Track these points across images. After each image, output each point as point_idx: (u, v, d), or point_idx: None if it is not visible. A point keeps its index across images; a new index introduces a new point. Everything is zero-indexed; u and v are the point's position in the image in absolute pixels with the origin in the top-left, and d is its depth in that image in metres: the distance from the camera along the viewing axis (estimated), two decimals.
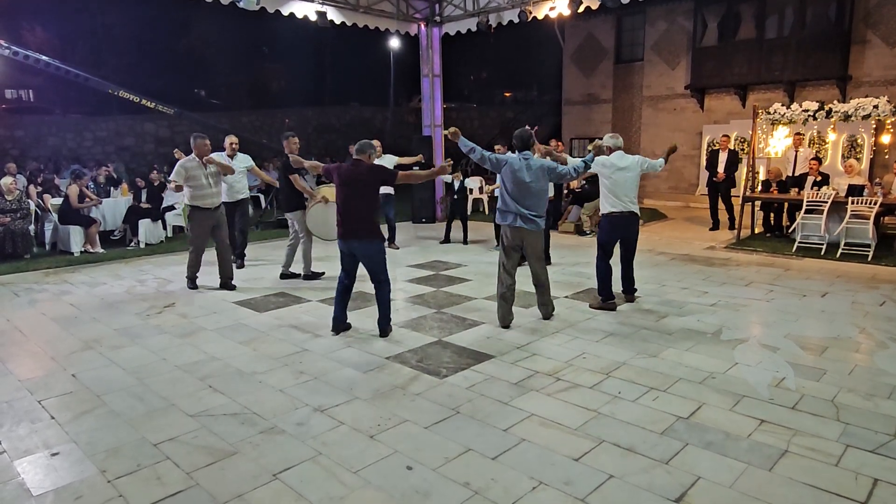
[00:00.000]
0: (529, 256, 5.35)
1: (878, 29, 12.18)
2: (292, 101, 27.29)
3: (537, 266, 5.37)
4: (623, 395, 3.86)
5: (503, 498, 2.79)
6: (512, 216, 5.17)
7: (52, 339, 5.22)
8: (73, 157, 18.17)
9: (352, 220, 4.89)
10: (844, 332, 5.05)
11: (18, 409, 3.82)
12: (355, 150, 5.01)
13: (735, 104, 14.21)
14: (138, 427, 3.55)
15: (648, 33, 15.52)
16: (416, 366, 4.44)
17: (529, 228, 5.16)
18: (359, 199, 4.88)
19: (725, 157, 10.46)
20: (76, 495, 2.87)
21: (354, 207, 4.88)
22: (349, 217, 4.89)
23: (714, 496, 2.77)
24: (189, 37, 26.95)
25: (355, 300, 6.33)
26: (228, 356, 4.71)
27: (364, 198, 4.91)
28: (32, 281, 7.51)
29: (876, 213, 7.99)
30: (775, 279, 6.99)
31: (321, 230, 7.14)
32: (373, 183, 4.94)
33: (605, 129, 17.11)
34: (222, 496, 2.84)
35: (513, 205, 5.15)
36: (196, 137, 6.69)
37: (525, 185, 5.11)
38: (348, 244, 4.97)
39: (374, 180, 4.96)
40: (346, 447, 3.27)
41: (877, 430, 3.37)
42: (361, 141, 5.09)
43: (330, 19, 10.85)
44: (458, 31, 12.30)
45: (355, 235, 4.91)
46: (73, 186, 9.36)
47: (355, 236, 4.91)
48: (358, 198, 4.88)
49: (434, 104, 12.69)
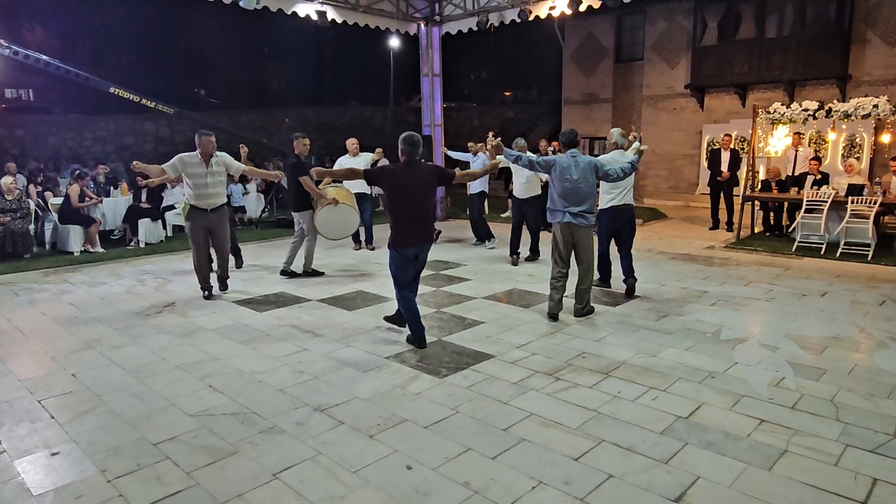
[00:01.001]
0: (578, 252, 5.43)
1: (877, 28, 12.18)
2: (292, 101, 27.30)
3: (584, 263, 5.46)
4: (622, 395, 3.86)
5: (503, 497, 2.79)
6: (561, 214, 5.30)
7: (52, 339, 5.22)
8: (73, 156, 18.17)
9: (425, 223, 4.65)
10: (844, 332, 5.05)
11: (18, 409, 3.83)
12: (408, 149, 4.57)
13: (735, 103, 14.21)
14: (138, 427, 3.55)
15: (648, 32, 15.52)
16: (415, 365, 4.44)
17: (578, 223, 5.27)
18: (427, 201, 4.65)
19: (728, 157, 10.43)
20: (76, 495, 2.87)
21: (423, 210, 4.62)
22: (422, 220, 4.62)
23: (713, 496, 2.77)
24: (189, 36, 26.96)
25: (355, 299, 6.34)
26: (228, 356, 4.71)
27: (431, 199, 4.71)
28: (32, 280, 7.51)
29: (876, 212, 7.99)
30: (775, 279, 6.99)
31: (329, 230, 7.27)
32: (436, 184, 4.71)
33: (605, 128, 17.09)
34: (222, 496, 2.84)
35: (560, 203, 5.27)
36: (201, 135, 6.42)
37: (573, 183, 5.22)
38: (421, 248, 4.69)
39: (437, 181, 4.72)
40: (346, 447, 3.28)
41: (876, 429, 3.37)
42: (412, 137, 4.60)
43: (330, 18, 10.85)
44: (459, 30, 12.30)
45: (429, 238, 4.72)
46: (74, 186, 9.36)
47: (427, 239, 4.71)
48: (426, 200, 4.63)
49: (434, 103, 12.69)
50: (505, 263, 8.02)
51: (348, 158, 8.10)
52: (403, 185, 4.53)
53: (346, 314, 5.82)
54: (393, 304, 6.15)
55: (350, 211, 7.33)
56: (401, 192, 4.54)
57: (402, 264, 4.69)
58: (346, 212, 7.27)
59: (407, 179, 4.53)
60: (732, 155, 10.43)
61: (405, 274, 4.74)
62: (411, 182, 4.53)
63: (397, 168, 4.61)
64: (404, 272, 4.73)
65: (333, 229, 7.29)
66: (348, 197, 7.49)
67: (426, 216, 4.65)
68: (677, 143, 15.36)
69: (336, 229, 7.32)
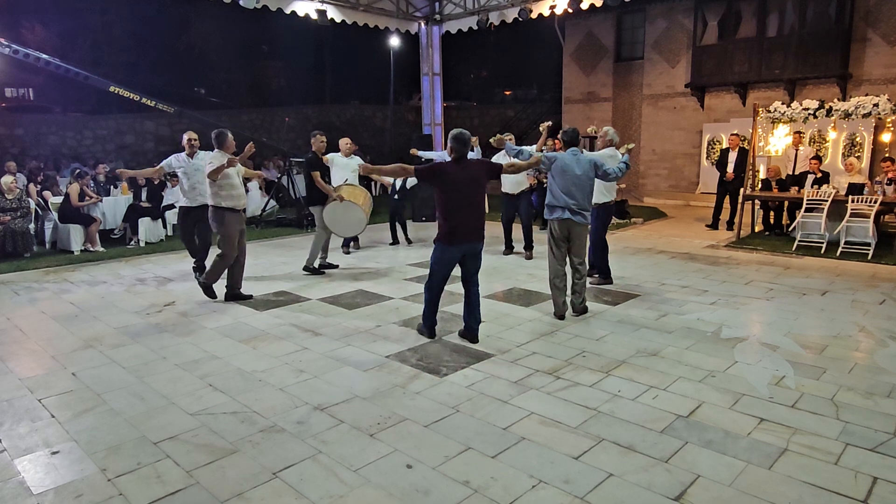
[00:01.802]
0: (573, 248, 5.51)
1: (878, 27, 12.17)
2: (292, 100, 27.30)
3: (579, 259, 5.55)
4: (623, 394, 3.87)
5: (503, 496, 2.79)
6: (560, 210, 5.37)
7: (53, 338, 5.22)
8: (73, 155, 18.15)
9: (477, 221, 4.62)
10: (844, 331, 5.05)
11: (19, 408, 3.83)
12: (458, 147, 4.55)
13: (735, 102, 14.20)
14: (138, 425, 3.55)
15: (648, 31, 15.51)
16: (415, 364, 4.44)
17: (576, 220, 5.37)
18: (480, 199, 4.64)
19: (736, 157, 10.31)
20: (76, 494, 2.88)
21: (477, 207, 4.60)
22: (474, 218, 4.59)
23: (713, 494, 2.78)
24: (189, 35, 26.91)
25: (354, 298, 6.34)
26: (228, 355, 4.72)
27: (482, 196, 4.69)
28: (33, 279, 7.51)
29: (876, 211, 7.99)
30: (775, 278, 6.99)
31: (337, 226, 7.41)
32: (485, 178, 4.69)
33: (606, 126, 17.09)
34: (222, 494, 2.84)
35: (562, 199, 5.35)
36: (223, 134, 6.12)
37: (575, 178, 5.33)
38: (471, 246, 4.65)
39: (486, 175, 4.70)
40: (346, 446, 3.28)
41: (876, 428, 3.37)
42: (461, 135, 4.57)
43: (330, 17, 10.85)
44: (459, 29, 12.31)
45: (479, 236, 4.68)
46: (74, 185, 9.36)
47: (479, 237, 4.68)
48: (479, 197, 4.64)
49: (434, 102, 12.70)
50: (506, 263, 8.02)
51: (341, 158, 8.09)
52: (454, 181, 4.53)
53: (346, 313, 5.82)
54: (392, 301, 6.17)
55: (357, 210, 7.37)
56: (451, 188, 4.54)
57: (444, 260, 4.68)
58: (352, 210, 7.34)
59: (457, 176, 4.54)
60: (740, 155, 10.29)
61: (444, 270, 4.73)
62: (462, 178, 4.54)
63: (448, 165, 4.63)
64: (444, 268, 4.71)
65: (340, 225, 7.41)
66: (362, 197, 7.55)
67: (477, 213, 4.63)
68: (677, 142, 15.35)
69: (343, 226, 7.44)
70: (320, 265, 7.65)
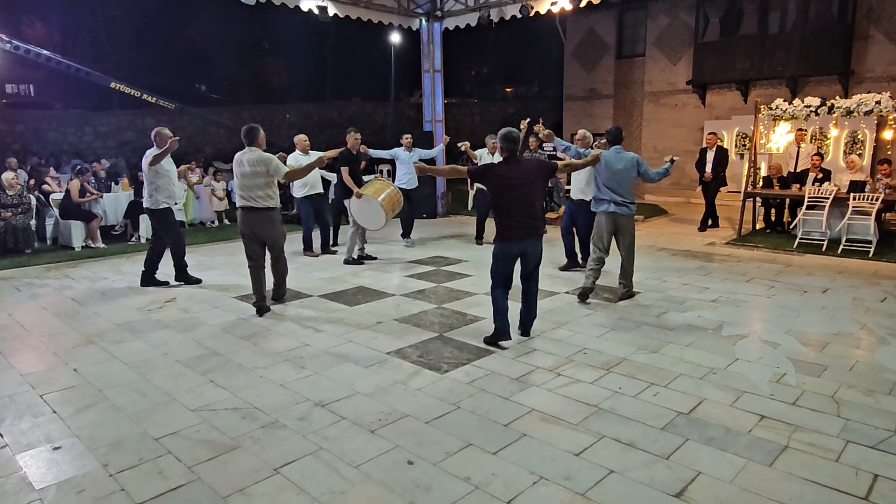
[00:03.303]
0: (622, 237, 5.91)
1: (880, 24, 12.14)
2: (293, 96, 27.27)
3: (627, 248, 5.95)
4: (624, 391, 3.87)
5: (504, 493, 2.79)
6: (606, 203, 5.81)
7: (54, 334, 5.22)
8: (73, 151, 18.15)
9: (533, 218, 4.63)
10: (845, 329, 5.05)
11: (20, 404, 3.83)
12: (507, 146, 4.63)
13: (737, 100, 14.17)
14: (140, 421, 3.56)
15: (650, 28, 15.47)
16: (416, 361, 4.45)
17: (622, 213, 5.79)
18: (532, 196, 4.63)
19: (714, 156, 10.11)
20: (78, 489, 2.88)
21: (527, 205, 4.60)
22: (526, 215, 4.59)
23: (714, 491, 2.78)
24: (189, 31, 26.89)
25: (356, 294, 6.34)
26: (229, 351, 4.72)
27: (535, 194, 4.67)
28: (34, 276, 7.52)
29: (877, 209, 7.98)
30: (776, 275, 6.99)
31: (364, 220, 7.65)
32: (539, 178, 4.72)
33: (607, 124, 17.04)
34: (224, 490, 2.85)
35: (608, 193, 5.78)
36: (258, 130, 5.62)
37: (617, 173, 5.73)
38: (527, 244, 4.66)
39: (541, 174, 4.75)
40: (347, 442, 3.28)
41: (877, 425, 3.37)
42: (510, 134, 4.65)
43: (332, 13, 10.82)
44: (459, 25, 12.27)
45: (536, 234, 4.69)
46: (75, 181, 9.36)
47: (536, 234, 4.69)
48: (530, 194, 4.62)
49: (435, 99, 12.66)
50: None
51: (299, 155, 8.00)
52: (505, 180, 4.56)
53: (347, 310, 5.82)
54: (394, 298, 6.17)
55: (376, 206, 7.47)
56: (502, 188, 4.57)
57: (502, 259, 4.71)
58: (373, 205, 7.50)
59: (508, 175, 4.56)
60: (717, 154, 10.07)
61: (504, 269, 4.74)
62: (512, 177, 4.55)
63: (499, 164, 4.68)
64: (504, 267, 4.74)
65: (367, 219, 7.64)
66: (386, 192, 7.63)
67: (531, 211, 4.62)
68: (679, 139, 15.32)
69: (369, 219, 7.65)
70: (359, 256, 7.96)
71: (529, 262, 4.78)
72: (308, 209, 8.45)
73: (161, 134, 6.55)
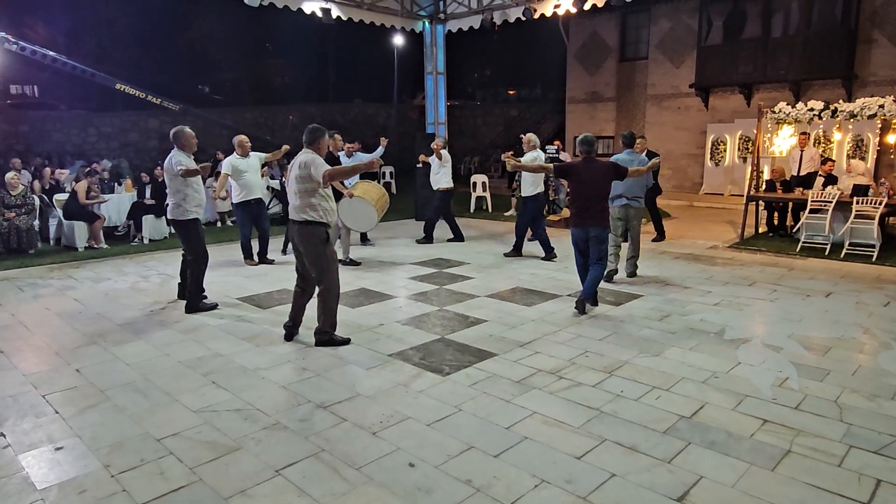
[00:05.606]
0: (630, 227, 6.92)
1: (884, 28, 12.13)
2: (296, 98, 27.33)
3: (633, 239, 7.00)
4: (625, 394, 3.86)
5: (505, 495, 2.79)
6: (619, 198, 6.75)
7: (57, 334, 5.24)
8: (77, 152, 18.21)
9: (595, 210, 5.61)
10: (848, 333, 5.04)
11: (23, 404, 3.84)
12: (585, 148, 5.63)
13: (740, 103, 14.18)
14: (142, 422, 3.56)
15: (653, 31, 15.49)
16: (418, 363, 4.45)
17: (632, 205, 6.83)
18: (599, 193, 5.63)
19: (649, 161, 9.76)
20: (80, 489, 2.89)
21: (594, 199, 5.60)
22: (592, 208, 5.61)
23: (716, 496, 2.77)
24: (193, 33, 26.95)
25: (358, 296, 6.34)
26: (231, 352, 4.73)
27: (603, 191, 5.67)
28: (37, 276, 7.54)
29: (881, 213, 7.96)
30: (779, 279, 6.97)
31: (350, 221, 7.66)
32: (609, 179, 5.71)
33: (609, 127, 17.11)
34: (225, 491, 2.85)
35: (622, 190, 6.69)
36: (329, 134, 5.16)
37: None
38: (589, 230, 5.64)
39: (611, 176, 5.72)
40: (349, 444, 3.28)
41: (880, 430, 3.36)
42: (587, 138, 5.65)
43: (335, 15, 10.85)
44: (462, 28, 12.29)
45: (596, 223, 5.62)
46: (83, 182, 9.40)
47: (596, 223, 5.62)
48: (598, 191, 5.63)
49: (438, 102, 12.69)
50: (507, 261, 8.01)
51: (237, 158, 7.80)
52: (581, 178, 5.63)
53: (348, 311, 5.82)
54: (395, 300, 6.17)
55: (367, 206, 7.53)
56: (578, 183, 5.67)
57: (574, 240, 5.81)
58: (362, 206, 7.54)
59: (584, 174, 5.62)
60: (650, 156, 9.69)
61: (576, 249, 5.85)
62: (587, 176, 5.60)
63: (578, 164, 5.74)
64: (576, 247, 5.84)
65: (354, 220, 7.67)
66: (375, 194, 7.70)
67: (596, 205, 5.62)
68: (681, 142, 15.33)
69: (356, 220, 7.69)
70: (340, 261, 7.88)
71: (594, 246, 5.68)
72: (243, 216, 7.94)
73: (184, 134, 5.80)
